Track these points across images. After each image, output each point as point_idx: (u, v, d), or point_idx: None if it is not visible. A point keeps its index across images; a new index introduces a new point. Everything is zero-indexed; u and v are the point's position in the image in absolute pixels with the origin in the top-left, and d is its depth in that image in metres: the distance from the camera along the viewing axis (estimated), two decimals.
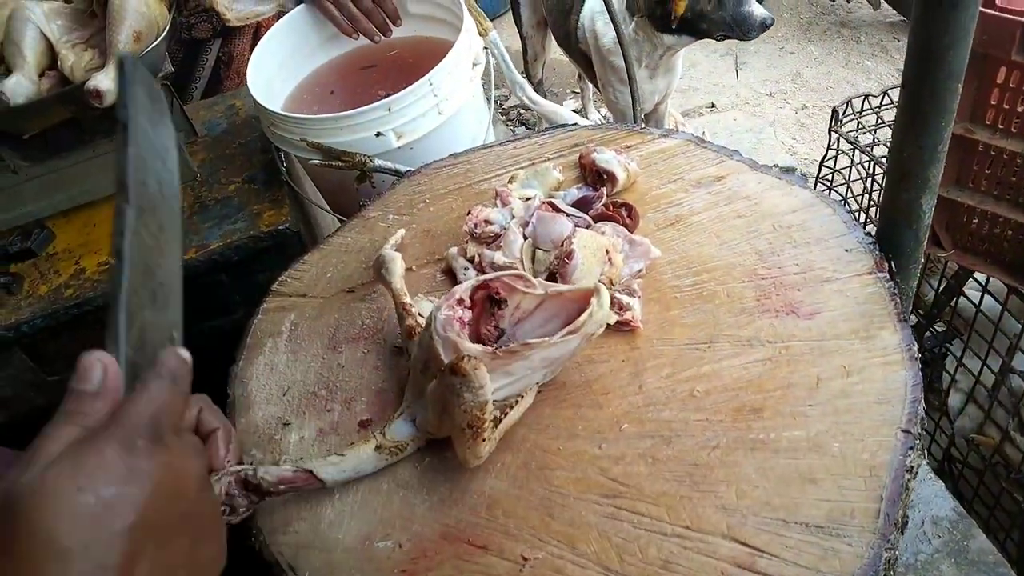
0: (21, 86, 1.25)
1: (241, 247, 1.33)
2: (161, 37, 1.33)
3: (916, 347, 0.79)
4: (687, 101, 3.47)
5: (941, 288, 1.39)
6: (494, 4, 4.37)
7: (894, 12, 3.70)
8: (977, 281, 1.31)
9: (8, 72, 1.28)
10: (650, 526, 0.69)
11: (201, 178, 1.48)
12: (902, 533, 0.71)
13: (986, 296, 1.29)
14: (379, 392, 0.87)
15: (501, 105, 3.58)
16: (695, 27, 2.12)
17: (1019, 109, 1.03)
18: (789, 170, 0.98)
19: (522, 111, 3.56)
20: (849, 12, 3.93)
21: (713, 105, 3.44)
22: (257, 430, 0.86)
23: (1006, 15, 0.96)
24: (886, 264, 0.86)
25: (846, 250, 0.88)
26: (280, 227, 1.33)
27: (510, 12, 3.13)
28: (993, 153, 1.08)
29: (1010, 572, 0.88)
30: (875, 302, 0.83)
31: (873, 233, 0.90)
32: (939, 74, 0.72)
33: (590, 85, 2.96)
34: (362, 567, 0.72)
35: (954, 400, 1.39)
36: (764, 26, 2.07)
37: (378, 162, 1.23)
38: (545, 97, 1.53)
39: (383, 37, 1.46)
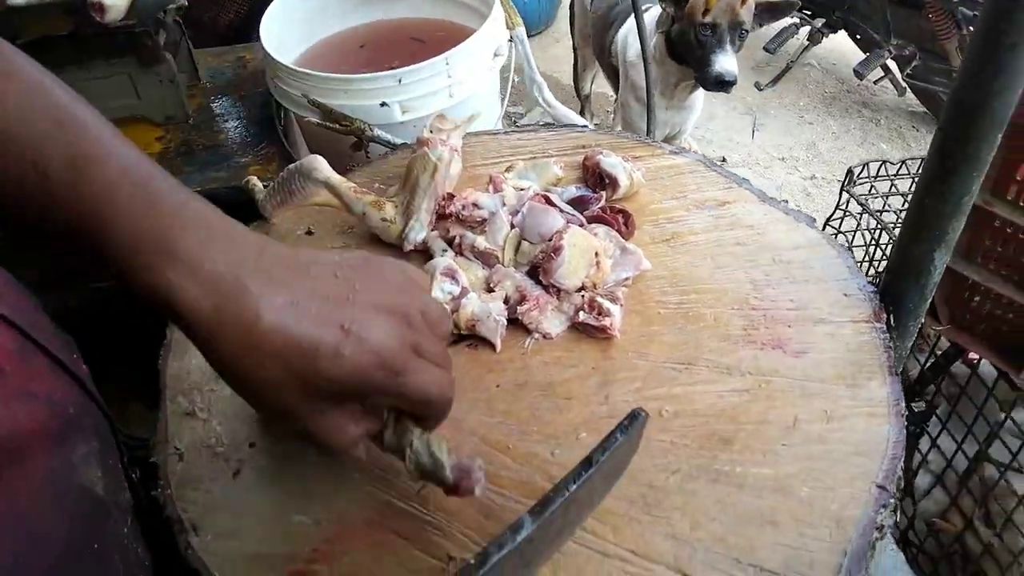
0: None
1: (219, 196, 1.23)
2: None
3: (904, 404, 0.73)
4: (700, 150, 3.45)
5: (928, 364, 1.34)
6: (542, 17, 4.31)
7: (917, 103, 3.71)
8: (968, 361, 1.26)
9: None
10: (592, 543, 0.63)
11: (194, 122, 1.43)
12: None
13: (973, 380, 1.24)
14: None
15: (515, 122, 3.56)
16: (682, 56, 2.08)
17: None
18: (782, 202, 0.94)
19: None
20: (873, 95, 3.94)
21: (724, 160, 3.42)
22: (189, 376, 0.80)
23: None
24: (885, 315, 0.81)
25: (845, 294, 0.83)
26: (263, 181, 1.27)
27: (554, 26, 3.08)
28: (1009, 231, 1.04)
29: None
30: (867, 351, 0.78)
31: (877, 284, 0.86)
32: (981, 120, 0.67)
33: (619, 111, 2.93)
34: (272, 539, 0.66)
35: (922, 481, 1.34)
36: (720, 82, 1.97)
37: (377, 132, 1.17)
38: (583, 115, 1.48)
39: None
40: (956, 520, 1.29)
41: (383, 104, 1.20)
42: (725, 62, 1.96)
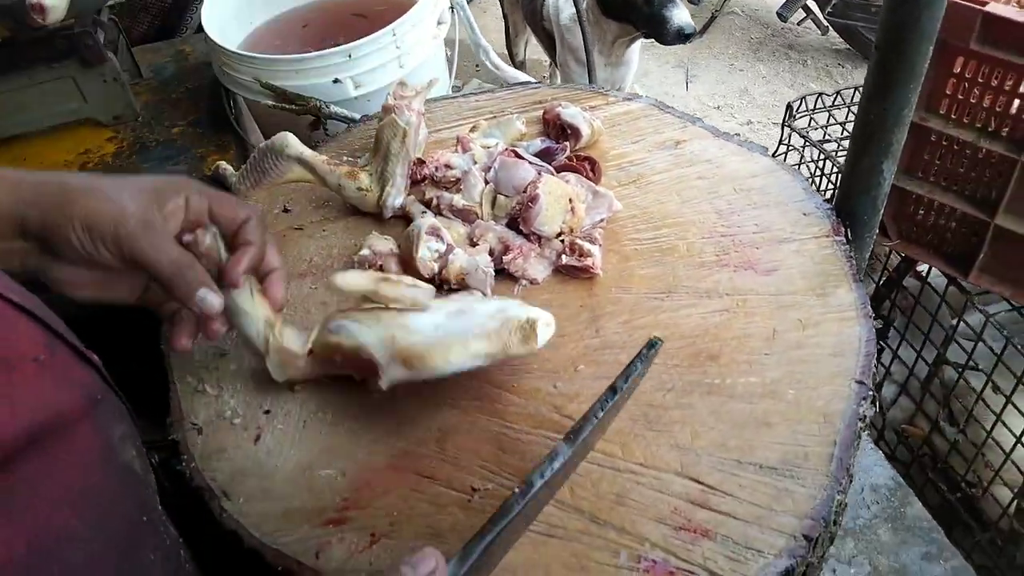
0: None
1: None
2: None
3: (870, 306, 0.79)
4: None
5: (881, 281, 1.42)
6: None
7: (840, 40, 3.83)
8: (918, 274, 1.34)
9: None
10: (603, 461, 0.68)
11: (144, 119, 1.42)
12: (849, 483, 0.71)
13: (925, 290, 1.33)
14: None
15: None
16: (621, 14, 2.10)
17: (972, 100, 1.06)
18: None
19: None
20: (797, 36, 4.04)
21: None
22: (192, 357, 0.81)
23: (966, 3, 0.99)
24: (843, 229, 0.87)
25: (804, 214, 0.89)
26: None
27: None
28: (945, 143, 1.11)
29: (943, 538, 0.90)
30: (831, 263, 0.84)
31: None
32: (912, 35, 0.73)
33: (557, 73, 2.96)
34: (301, 495, 0.69)
35: (887, 392, 1.42)
36: (681, 35, 2.00)
37: (333, 108, 1.19)
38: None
39: None
40: (922, 424, 1.38)
41: (336, 81, 1.21)
42: (681, 15, 2.01)
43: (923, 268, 1.34)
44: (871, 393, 0.73)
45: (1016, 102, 1.03)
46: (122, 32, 1.43)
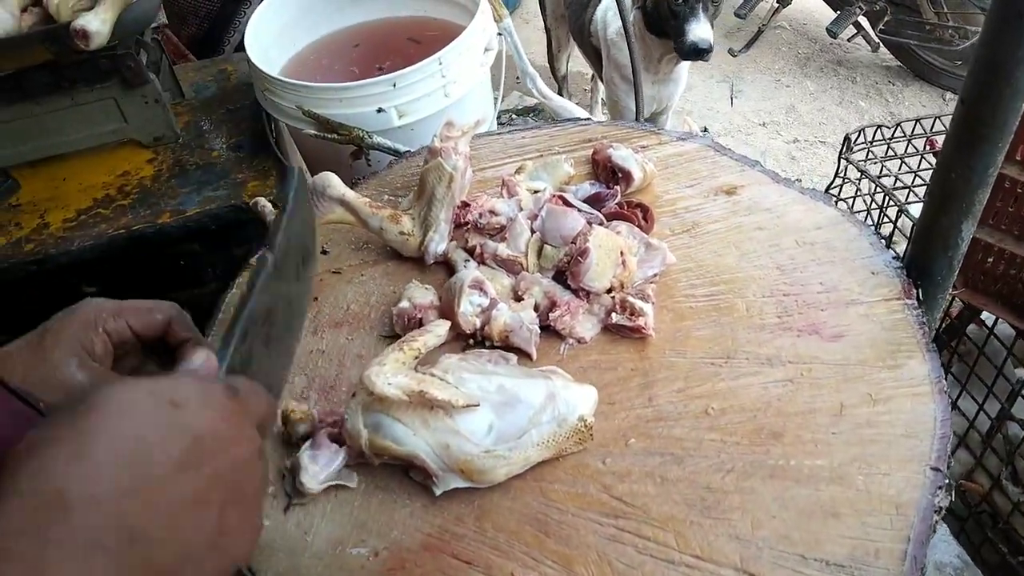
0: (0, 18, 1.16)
1: (220, 216, 1.24)
2: None
3: (944, 380, 0.73)
4: (680, 123, 3.44)
5: (942, 327, 1.35)
6: (509, 0, 4.29)
7: (891, 56, 3.72)
8: (982, 322, 1.27)
9: None
10: (656, 552, 0.63)
11: (184, 141, 1.40)
12: None
13: (990, 340, 1.25)
14: None
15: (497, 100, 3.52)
16: (661, 29, 2.07)
17: None
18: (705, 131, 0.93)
19: (514, 116, 3.51)
20: (847, 52, 3.94)
21: (706, 130, 3.41)
22: None
23: None
24: (914, 290, 0.81)
25: (872, 272, 0.83)
26: (266, 198, 1.25)
27: (522, 7, 3.03)
28: (1020, 191, 1.04)
29: None
30: (902, 329, 0.78)
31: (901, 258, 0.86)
32: (1004, 90, 0.67)
33: (600, 87, 2.90)
34: (331, 575, 0.65)
35: None
36: (696, 51, 1.96)
37: (377, 139, 1.15)
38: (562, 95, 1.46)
39: None
40: (982, 480, 1.30)
41: (379, 110, 1.18)
42: (699, 30, 1.95)
43: (988, 316, 1.27)
44: (947, 482, 0.67)
45: None
46: (164, 52, 1.41)
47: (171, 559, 0.41)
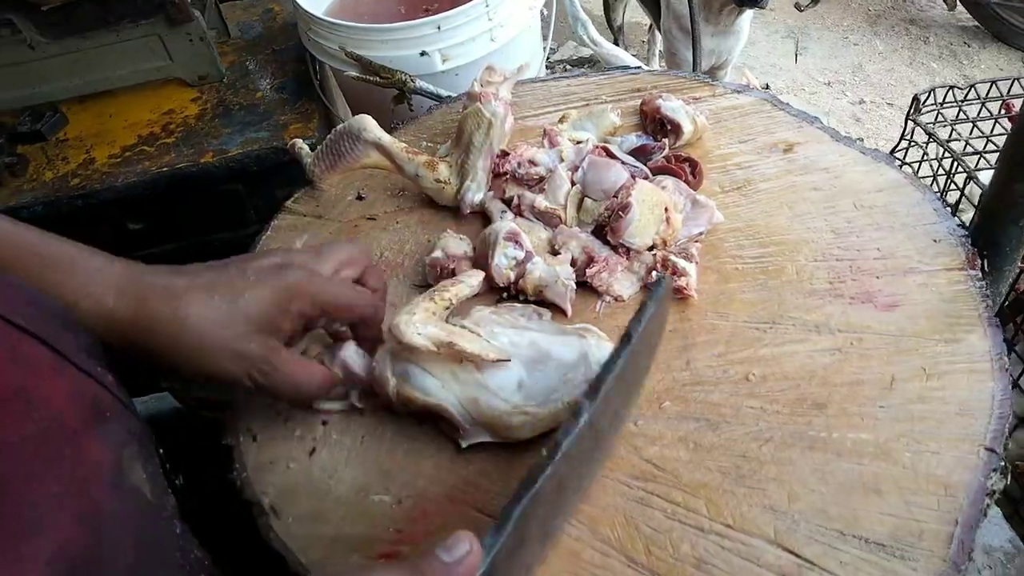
0: None
1: (262, 157, 1.23)
2: None
3: (1007, 357, 0.69)
4: (739, 77, 3.32)
5: (1007, 301, 1.28)
6: None
7: (968, 16, 3.53)
8: None
9: None
10: (685, 518, 0.61)
11: (228, 81, 1.39)
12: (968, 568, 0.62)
13: None
14: None
15: (548, 58, 3.45)
16: None
17: None
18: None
19: (568, 67, 3.43)
20: (921, 10, 3.75)
21: (768, 86, 3.29)
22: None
23: None
24: (979, 261, 0.76)
25: (935, 240, 0.78)
26: (307, 141, 1.24)
27: None
28: None
29: None
30: (963, 301, 0.73)
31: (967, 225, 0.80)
32: None
33: (658, 38, 2.81)
34: (353, 519, 0.64)
35: None
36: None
37: (419, 83, 1.12)
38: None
39: None
40: None
41: (423, 53, 1.15)
42: None
43: None
44: (1002, 464, 0.63)
45: None
46: None
47: None
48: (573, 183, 0.84)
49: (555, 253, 0.80)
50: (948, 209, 0.82)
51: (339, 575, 0.42)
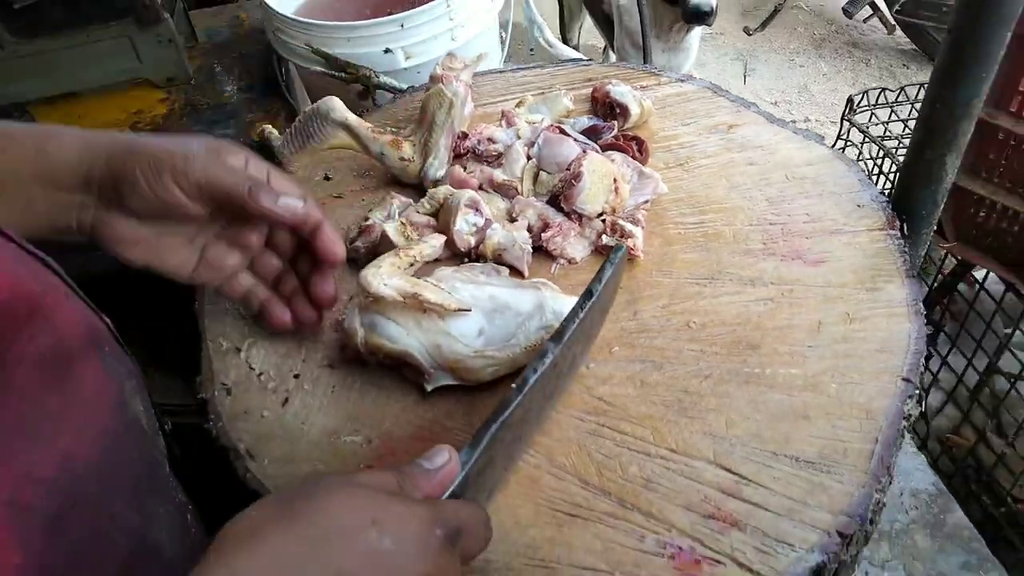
0: None
1: None
2: None
3: (922, 303, 0.76)
4: None
5: (935, 285, 1.37)
6: None
7: (907, 39, 3.71)
8: (972, 279, 1.29)
9: None
10: (633, 445, 0.66)
11: (196, 82, 1.43)
12: (889, 483, 0.68)
13: (979, 296, 1.27)
14: None
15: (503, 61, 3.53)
16: None
17: None
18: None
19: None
20: (862, 34, 3.93)
21: None
22: (226, 317, 0.81)
23: None
24: (898, 223, 0.83)
25: (858, 205, 0.86)
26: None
27: None
28: (1013, 143, 1.06)
29: (984, 548, 0.86)
30: (883, 257, 0.80)
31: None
32: (989, 18, 0.69)
33: (612, 58, 2.91)
34: (326, 459, 0.68)
35: (933, 399, 1.37)
36: (697, 14, 1.93)
37: (383, 78, 1.18)
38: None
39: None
40: (968, 434, 1.32)
41: (387, 51, 1.21)
42: None
43: (979, 273, 1.29)
44: (918, 392, 0.70)
45: None
46: None
47: None
48: (529, 158, 0.90)
49: (513, 220, 0.85)
50: (872, 180, 0.89)
51: (329, 483, 0.46)
